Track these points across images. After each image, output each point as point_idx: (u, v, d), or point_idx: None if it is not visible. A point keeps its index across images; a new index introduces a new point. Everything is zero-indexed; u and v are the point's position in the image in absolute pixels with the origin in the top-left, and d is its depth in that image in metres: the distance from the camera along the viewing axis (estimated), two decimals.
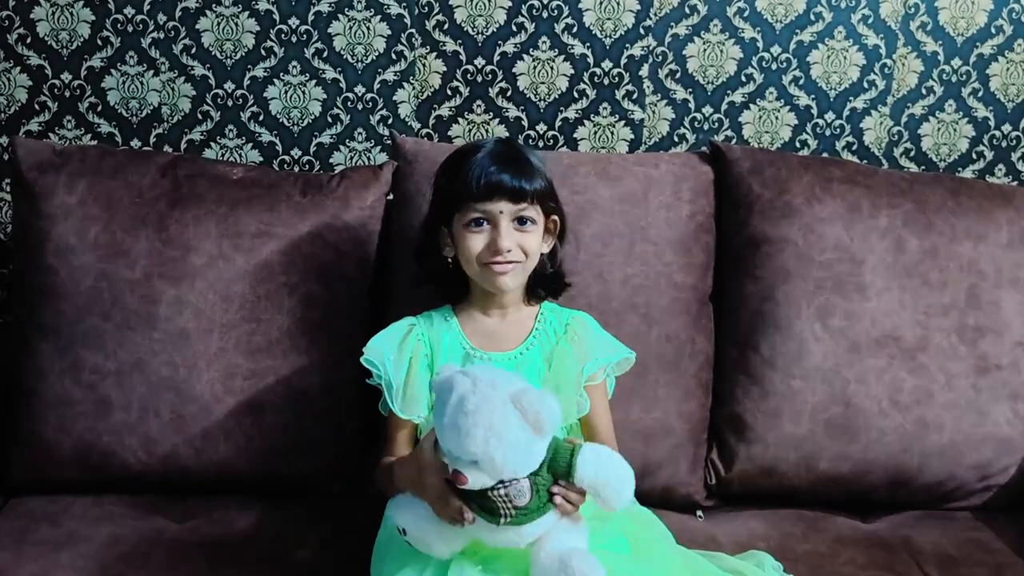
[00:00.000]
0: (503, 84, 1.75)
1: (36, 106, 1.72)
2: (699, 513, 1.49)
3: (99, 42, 1.71)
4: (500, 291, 1.26)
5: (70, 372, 1.40)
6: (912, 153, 1.81)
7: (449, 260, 1.28)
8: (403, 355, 1.25)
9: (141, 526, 1.36)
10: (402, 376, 1.24)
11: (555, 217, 1.30)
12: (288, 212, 1.45)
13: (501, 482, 1.03)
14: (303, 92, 1.74)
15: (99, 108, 1.73)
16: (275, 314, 1.42)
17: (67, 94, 1.72)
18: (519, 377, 1.11)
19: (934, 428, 1.45)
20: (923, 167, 1.81)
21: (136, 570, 1.26)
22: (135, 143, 1.75)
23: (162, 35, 1.71)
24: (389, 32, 1.72)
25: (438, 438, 1.06)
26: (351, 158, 1.77)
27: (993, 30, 1.76)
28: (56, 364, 1.40)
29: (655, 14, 1.73)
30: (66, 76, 1.72)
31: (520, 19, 1.72)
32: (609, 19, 1.73)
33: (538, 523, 1.07)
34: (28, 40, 1.70)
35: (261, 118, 1.75)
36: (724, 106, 1.77)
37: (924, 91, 1.78)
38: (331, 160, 1.77)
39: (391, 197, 1.53)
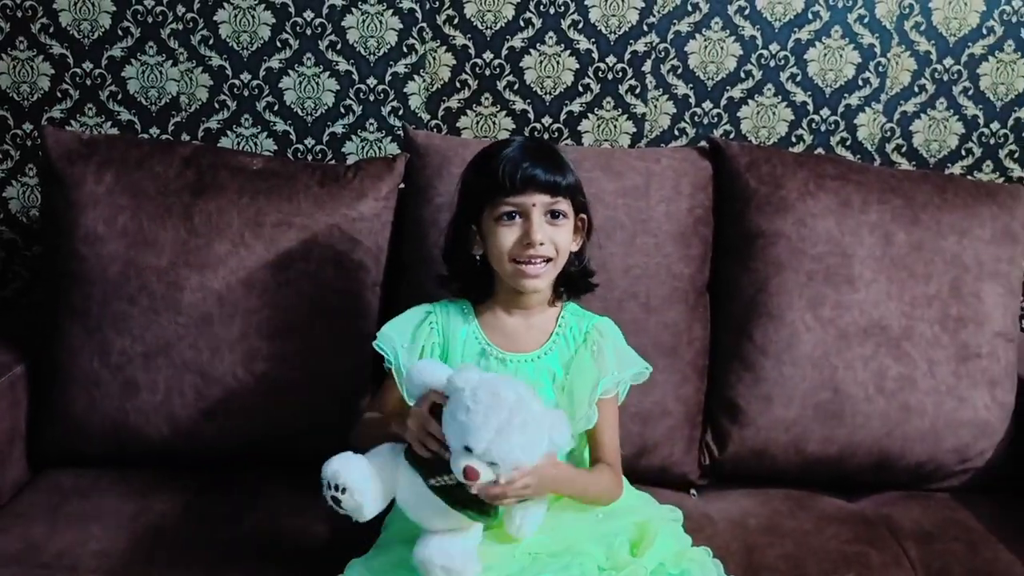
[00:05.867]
0: (510, 78, 1.80)
1: (58, 94, 1.77)
2: (693, 491, 1.56)
3: (120, 32, 1.75)
4: (528, 292, 1.25)
5: (99, 354, 1.45)
6: (904, 149, 1.86)
7: (477, 258, 1.27)
8: (416, 344, 1.25)
9: (166, 499, 1.42)
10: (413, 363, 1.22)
11: (583, 216, 1.29)
12: (307, 202, 1.49)
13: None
14: (317, 83, 1.79)
15: (119, 96, 1.78)
16: (294, 300, 1.47)
17: (88, 83, 1.77)
18: (532, 391, 1.13)
19: (916, 413, 1.51)
20: (914, 163, 1.86)
21: (164, 540, 1.33)
22: (154, 131, 1.80)
23: (181, 26, 1.76)
24: (401, 26, 1.77)
25: (457, 430, 1.07)
26: (362, 148, 1.82)
27: (984, 31, 1.80)
28: (85, 345, 1.46)
29: (658, 11, 1.77)
30: (87, 65, 1.76)
31: (528, 15, 1.77)
32: (614, 15, 1.78)
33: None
34: (51, 30, 1.74)
35: (276, 108, 1.80)
36: (723, 101, 1.82)
37: (916, 89, 1.83)
38: (343, 150, 1.82)
39: (403, 187, 1.58)
